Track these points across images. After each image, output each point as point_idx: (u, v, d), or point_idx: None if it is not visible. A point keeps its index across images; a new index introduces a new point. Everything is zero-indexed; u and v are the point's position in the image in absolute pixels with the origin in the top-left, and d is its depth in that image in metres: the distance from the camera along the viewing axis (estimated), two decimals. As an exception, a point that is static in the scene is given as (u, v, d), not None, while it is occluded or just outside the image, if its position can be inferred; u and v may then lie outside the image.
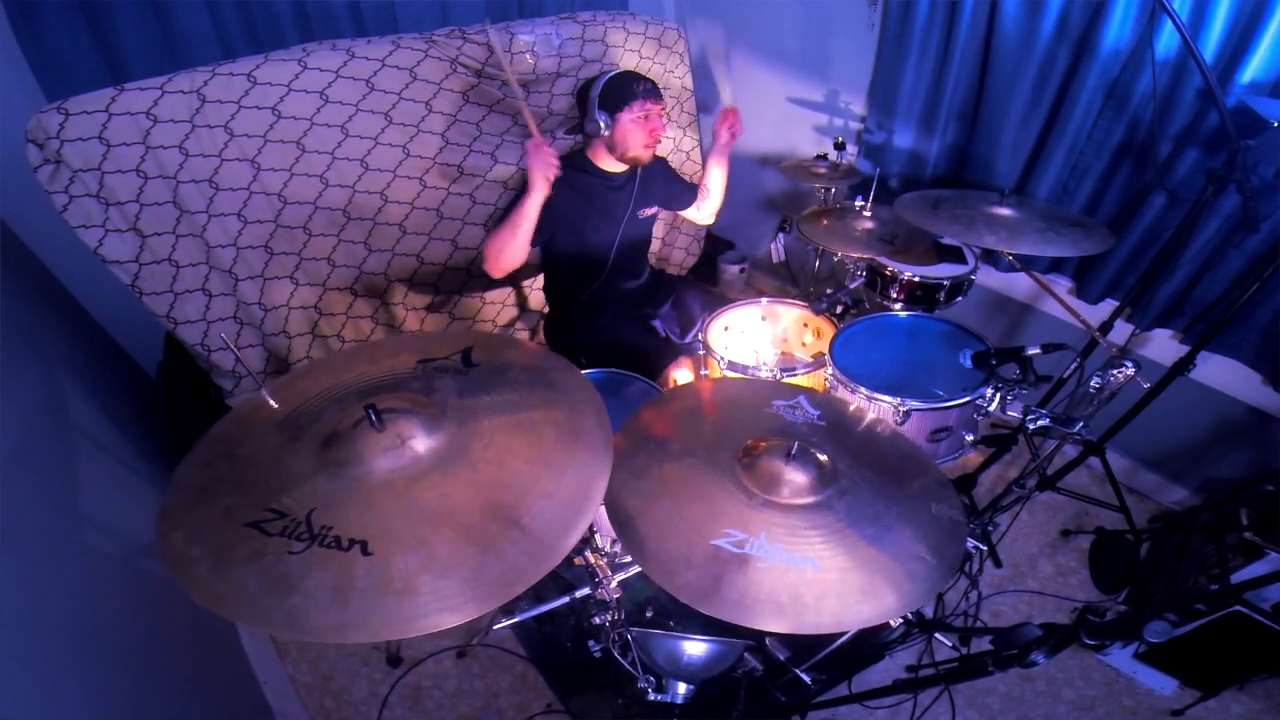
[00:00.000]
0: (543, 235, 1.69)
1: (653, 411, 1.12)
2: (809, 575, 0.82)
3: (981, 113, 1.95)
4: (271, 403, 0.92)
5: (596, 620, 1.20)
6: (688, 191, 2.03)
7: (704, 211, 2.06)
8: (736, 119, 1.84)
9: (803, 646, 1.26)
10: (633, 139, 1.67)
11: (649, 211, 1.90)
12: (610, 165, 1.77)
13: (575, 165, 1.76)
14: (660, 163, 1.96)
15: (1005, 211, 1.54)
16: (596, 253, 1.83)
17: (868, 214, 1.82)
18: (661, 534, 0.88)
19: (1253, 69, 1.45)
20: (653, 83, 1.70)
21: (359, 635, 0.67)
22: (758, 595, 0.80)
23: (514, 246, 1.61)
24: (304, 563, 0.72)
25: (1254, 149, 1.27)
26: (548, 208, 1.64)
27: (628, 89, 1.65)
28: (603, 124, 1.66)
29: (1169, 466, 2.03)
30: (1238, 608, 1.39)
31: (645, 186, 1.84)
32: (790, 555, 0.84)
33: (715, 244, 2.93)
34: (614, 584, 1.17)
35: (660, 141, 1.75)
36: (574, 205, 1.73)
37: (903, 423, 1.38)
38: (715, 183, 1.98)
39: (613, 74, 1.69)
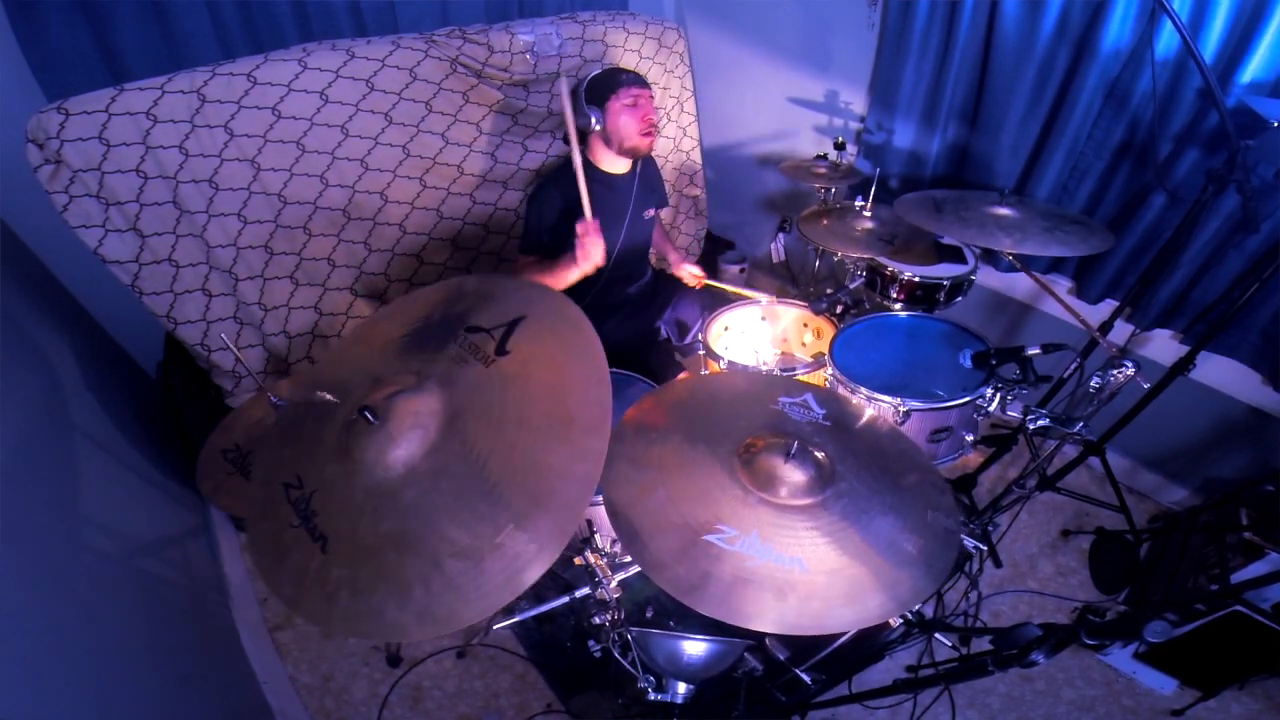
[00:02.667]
0: (546, 241, 1.69)
1: (654, 402, 1.11)
2: (796, 575, 0.82)
3: (981, 113, 1.95)
4: (273, 399, 0.92)
5: (596, 620, 1.19)
6: (664, 197, 2.09)
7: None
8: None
9: (803, 646, 1.26)
10: (626, 127, 1.66)
11: (650, 212, 1.89)
12: (611, 165, 1.76)
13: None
14: (654, 162, 1.96)
15: (1006, 212, 1.54)
16: None
17: (868, 214, 1.82)
18: (655, 526, 0.88)
19: (1253, 69, 1.45)
20: (637, 73, 1.70)
21: (302, 613, 0.77)
22: (744, 593, 0.80)
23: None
24: (295, 538, 0.78)
25: (1254, 149, 1.26)
26: (550, 208, 1.63)
27: (612, 79, 1.66)
28: (594, 118, 1.65)
29: (1169, 466, 2.03)
30: (1238, 608, 1.39)
31: (645, 186, 1.84)
32: (779, 555, 0.84)
33: (715, 244, 2.93)
34: (614, 584, 1.17)
35: (656, 127, 1.73)
36: (576, 207, 1.73)
37: (903, 423, 1.38)
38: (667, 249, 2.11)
39: (597, 71, 1.70)
